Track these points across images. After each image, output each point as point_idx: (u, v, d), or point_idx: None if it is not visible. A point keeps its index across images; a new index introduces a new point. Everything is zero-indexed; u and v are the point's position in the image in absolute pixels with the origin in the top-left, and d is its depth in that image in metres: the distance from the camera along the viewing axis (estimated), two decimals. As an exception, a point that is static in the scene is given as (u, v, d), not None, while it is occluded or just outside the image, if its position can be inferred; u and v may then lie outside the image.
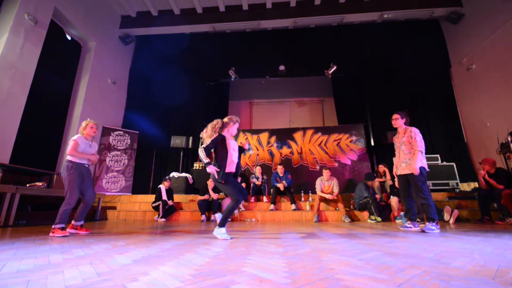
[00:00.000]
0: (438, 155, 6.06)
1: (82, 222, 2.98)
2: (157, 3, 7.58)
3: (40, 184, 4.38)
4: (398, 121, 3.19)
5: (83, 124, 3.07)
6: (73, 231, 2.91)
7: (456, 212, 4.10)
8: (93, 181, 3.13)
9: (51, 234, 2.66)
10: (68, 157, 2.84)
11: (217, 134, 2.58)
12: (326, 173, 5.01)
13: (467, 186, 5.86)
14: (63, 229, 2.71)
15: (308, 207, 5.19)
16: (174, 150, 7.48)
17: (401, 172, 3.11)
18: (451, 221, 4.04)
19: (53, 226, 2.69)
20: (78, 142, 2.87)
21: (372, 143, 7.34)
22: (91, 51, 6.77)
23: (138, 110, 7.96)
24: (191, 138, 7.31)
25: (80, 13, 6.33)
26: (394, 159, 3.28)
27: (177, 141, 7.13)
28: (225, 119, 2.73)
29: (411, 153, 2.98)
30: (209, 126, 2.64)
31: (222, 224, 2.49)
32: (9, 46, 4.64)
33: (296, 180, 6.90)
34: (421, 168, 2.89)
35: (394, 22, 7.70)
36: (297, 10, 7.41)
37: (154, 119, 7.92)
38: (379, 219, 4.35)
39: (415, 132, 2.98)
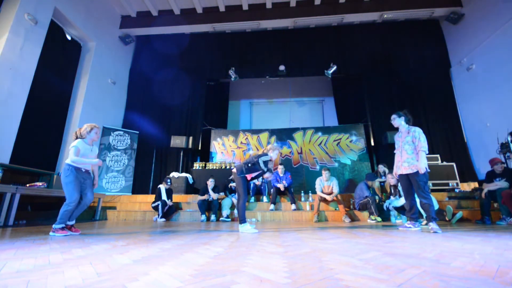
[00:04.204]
0: (438, 155, 6.06)
1: (73, 222, 2.93)
2: (157, 3, 7.58)
3: (40, 184, 4.38)
4: (395, 121, 3.23)
5: (87, 127, 2.91)
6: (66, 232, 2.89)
7: (459, 213, 4.10)
8: (93, 183, 3.07)
9: (51, 233, 2.67)
10: (68, 161, 2.78)
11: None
12: (325, 173, 5.00)
13: (467, 186, 5.86)
14: (63, 228, 2.73)
15: (308, 207, 5.19)
16: (174, 150, 7.48)
17: (402, 172, 3.11)
18: (452, 221, 4.05)
19: (53, 226, 2.71)
20: (79, 148, 2.80)
21: (372, 143, 7.34)
22: (91, 51, 6.77)
23: (138, 110, 7.97)
24: (191, 138, 7.31)
25: (80, 13, 6.33)
26: (395, 157, 3.27)
27: (177, 141, 7.12)
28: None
29: (414, 153, 3.01)
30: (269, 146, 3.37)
31: (243, 220, 2.98)
32: (9, 46, 4.64)
33: (296, 180, 6.91)
34: (425, 168, 2.92)
35: (394, 22, 7.70)
36: (297, 10, 7.42)
37: (154, 119, 7.92)
38: (379, 219, 4.35)
39: (420, 133, 3.01)
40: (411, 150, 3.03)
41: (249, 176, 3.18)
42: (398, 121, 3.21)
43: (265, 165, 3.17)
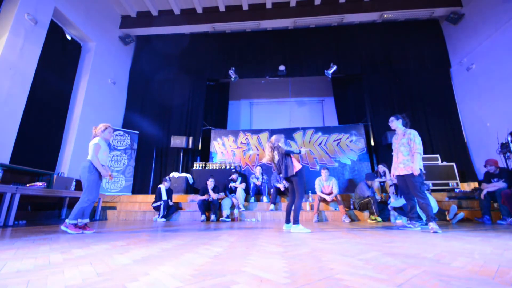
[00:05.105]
0: (438, 155, 6.05)
1: (87, 221, 3.03)
2: (157, 3, 7.58)
3: (40, 184, 4.38)
4: (393, 123, 3.32)
5: (102, 127, 3.12)
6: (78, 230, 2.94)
7: (461, 213, 4.10)
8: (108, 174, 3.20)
9: (63, 227, 2.73)
10: (90, 158, 2.93)
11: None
12: (324, 173, 5.01)
13: (467, 186, 5.86)
14: (76, 226, 2.79)
15: (308, 207, 5.19)
16: (174, 150, 7.48)
17: (399, 173, 3.20)
18: (452, 221, 4.05)
19: (66, 220, 2.76)
20: (100, 146, 2.98)
21: (372, 143, 7.33)
22: (91, 51, 6.77)
23: (138, 110, 7.96)
24: (191, 138, 7.31)
25: (80, 13, 6.33)
26: (393, 158, 3.33)
27: (177, 141, 7.13)
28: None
29: (409, 154, 3.08)
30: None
31: (297, 221, 3.05)
32: (9, 46, 4.64)
33: (296, 180, 6.89)
34: (420, 169, 2.99)
35: (394, 22, 7.70)
36: (297, 10, 7.41)
37: (154, 119, 7.92)
38: (379, 219, 4.35)
39: (415, 135, 3.09)
40: (407, 151, 3.11)
41: (298, 166, 3.38)
42: (395, 123, 3.30)
43: (286, 155, 3.38)
